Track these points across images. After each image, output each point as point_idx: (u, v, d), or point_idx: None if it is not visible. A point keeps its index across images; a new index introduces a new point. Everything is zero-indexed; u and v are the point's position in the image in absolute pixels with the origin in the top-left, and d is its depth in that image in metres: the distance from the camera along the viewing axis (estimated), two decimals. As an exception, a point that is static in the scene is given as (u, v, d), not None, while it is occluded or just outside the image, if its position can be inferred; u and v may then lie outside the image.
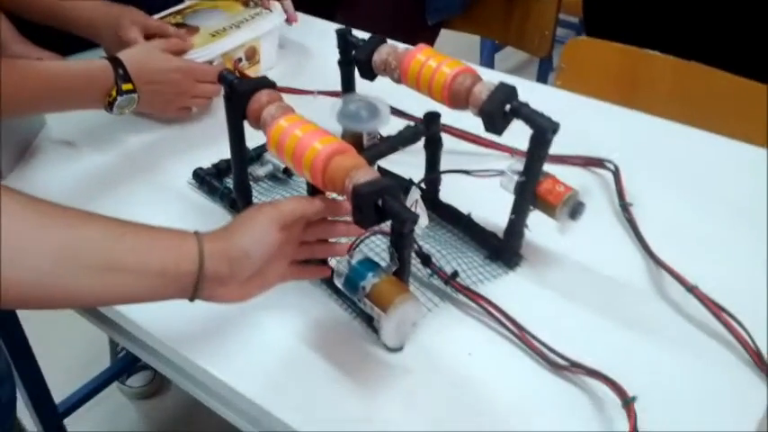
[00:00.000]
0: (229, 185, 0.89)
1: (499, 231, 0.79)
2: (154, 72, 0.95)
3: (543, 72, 1.73)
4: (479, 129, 0.72)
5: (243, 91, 0.74)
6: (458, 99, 0.74)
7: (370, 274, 0.63)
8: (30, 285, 0.55)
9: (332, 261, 0.74)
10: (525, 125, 0.70)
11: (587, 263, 0.79)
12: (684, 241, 0.81)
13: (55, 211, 0.57)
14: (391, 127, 0.78)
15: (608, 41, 1.27)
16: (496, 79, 0.72)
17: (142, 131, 1.04)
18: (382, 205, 0.61)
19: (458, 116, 0.76)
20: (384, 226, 0.66)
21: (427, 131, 0.80)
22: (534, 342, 0.68)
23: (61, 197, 0.72)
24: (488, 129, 0.72)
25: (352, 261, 0.65)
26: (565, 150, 0.91)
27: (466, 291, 0.73)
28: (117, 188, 0.93)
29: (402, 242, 0.63)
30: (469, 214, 0.83)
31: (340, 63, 0.93)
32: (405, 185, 0.86)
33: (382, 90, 0.82)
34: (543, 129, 0.69)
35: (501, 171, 0.77)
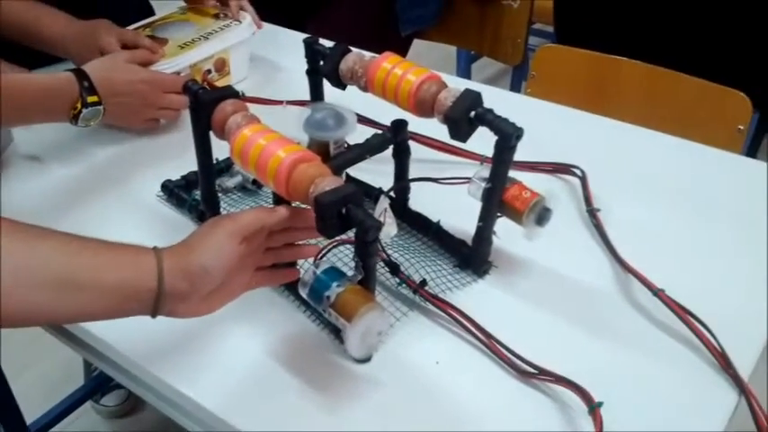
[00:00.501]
0: (198, 197, 0.88)
1: (469, 239, 0.79)
2: (119, 84, 0.95)
3: (517, 80, 1.74)
4: (449, 136, 0.72)
5: (207, 101, 0.73)
6: (424, 107, 0.74)
7: (334, 284, 0.63)
8: None
9: (300, 270, 0.73)
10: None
11: (556, 269, 0.79)
12: (652, 246, 0.81)
13: (12, 228, 0.56)
14: (360, 135, 0.78)
15: (577, 49, 1.28)
16: (470, 88, 0.72)
17: (110, 144, 1.03)
18: (346, 213, 0.61)
19: (428, 124, 0.76)
20: (352, 234, 0.65)
21: (395, 139, 0.80)
22: (502, 350, 0.67)
23: (29, 212, 0.71)
24: (453, 136, 0.72)
25: (317, 271, 0.64)
26: (534, 157, 0.92)
27: (434, 299, 0.73)
28: (85, 202, 0.92)
29: (366, 250, 0.63)
30: (439, 222, 0.83)
31: (308, 72, 0.92)
32: (374, 194, 0.86)
33: (352, 98, 0.81)
34: (507, 134, 0.69)
35: (469, 178, 0.77)
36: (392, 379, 0.67)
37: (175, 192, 0.91)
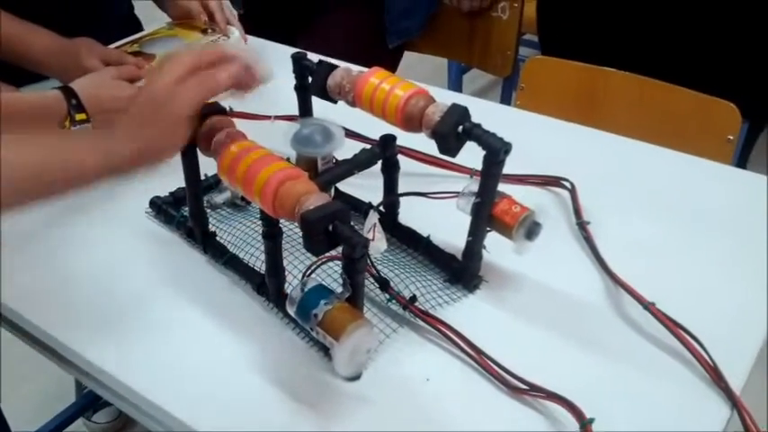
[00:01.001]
0: (186, 214, 0.88)
1: (459, 253, 0.78)
2: (107, 100, 0.94)
3: (507, 92, 1.74)
4: (438, 151, 0.72)
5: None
6: (411, 122, 0.73)
7: (322, 302, 0.62)
8: None
9: (287, 288, 0.72)
10: (482, 146, 0.69)
11: (546, 283, 0.78)
12: (643, 258, 0.81)
13: None
14: (350, 150, 0.77)
15: (566, 60, 1.28)
16: (459, 102, 0.71)
17: (98, 161, 1.02)
18: (333, 230, 0.60)
19: (417, 137, 0.76)
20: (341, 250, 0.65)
21: (383, 154, 0.79)
22: (493, 366, 0.67)
23: (16, 229, 0.70)
24: (442, 150, 0.72)
25: (304, 288, 0.64)
26: (524, 170, 0.91)
27: (424, 315, 0.73)
28: (73, 219, 0.91)
29: (354, 267, 0.62)
30: (428, 237, 0.82)
31: (296, 88, 0.92)
32: (363, 209, 0.86)
33: (341, 113, 0.81)
34: (495, 149, 0.69)
35: (458, 192, 0.77)
36: (382, 396, 0.67)
37: (164, 208, 0.91)
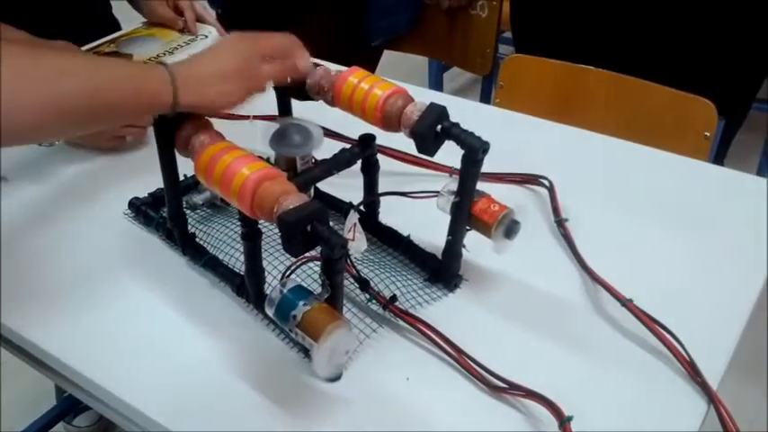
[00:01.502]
0: (165, 215, 0.87)
1: (439, 252, 0.78)
2: None
3: (487, 90, 1.75)
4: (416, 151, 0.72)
5: (170, 118, 0.73)
6: (390, 121, 0.73)
7: (301, 303, 0.62)
8: None
9: (267, 289, 0.72)
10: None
11: (525, 281, 0.78)
12: (621, 255, 0.81)
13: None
14: (329, 150, 0.77)
15: (544, 58, 1.28)
16: (439, 101, 0.71)
17: (76, 162, 1.01)
18: (311, 231, 0.60)
19: (397, 136, 0.75)
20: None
21: (363, 154, 0.79)
22: (472, 365, 0.67)
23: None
24: (420, 150, 0.72)
25: (283, 289, 0.64)
26: (503, 168, 0.91)
27: (404, 315, 0.73)
28: (53, 220, 0.91)
29: (333, 268, 0.62)
30: (409, 236, 0.82)
31: (275, 87, 0.92)
32: (344, 209, 0.86)
33: (320, 112, 0.81)
34: (474, 148, 0.69)
35: (438, 192, 0.77)
36: (362, 397, 0.67)
37: (143, 209, 0.90)
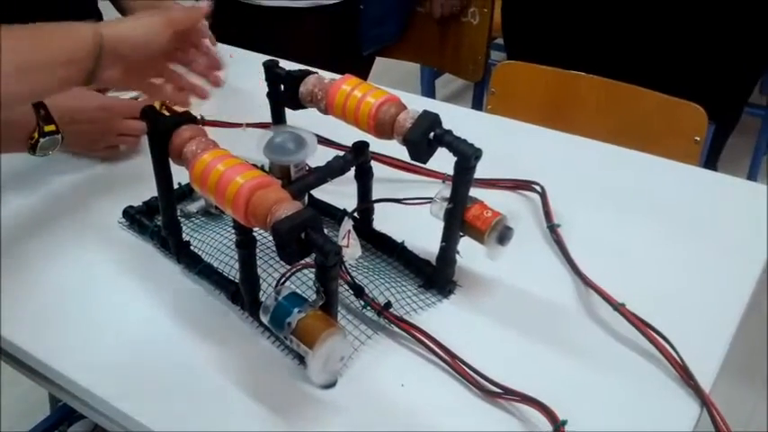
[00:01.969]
0: (160, 223, 0.87)
1: (433, 259, 0.79)
2: (76, 111, 0.93)
3: (479, 96, 1.76)
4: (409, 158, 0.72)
5: (164, 127, 0.73)
6: (383, 129, 0.74)
7: (295, 310, 0.62)
8: None
9: (262, 296, 0.72)
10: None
11: (519, 286, 0.79)
12: (613, 260, 0.82)
13: None
14: (323, 157, 0.78)
15: (536, 65, 1.29)
16: (431, 108, 0.72)
17: (70, 171, 1.01)
18: (305, 239, 0.60)
19: (390, 143, 0.76)
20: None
21: (356, 161, 0.80)
22: (467, 370, 0.67)
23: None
24: (413, 157, 0.73)
25: (278, 297, 0.64)
26: (495, 174, 0.92)
27: (399, 321, 0.73)
28: (47, 230, 0.90)
29: (327, 275, 0.63)
30: (403, 243, 0.83)
31: (268, 95, 0.92)
32: (338, 216, 0.86)
33: (314, 120, 0.81)
34: (466, 155, 0.69)
35: (431, 198, 0.77)
36: (357, 403, 0.67)
37: (137, 218, 0.90)
